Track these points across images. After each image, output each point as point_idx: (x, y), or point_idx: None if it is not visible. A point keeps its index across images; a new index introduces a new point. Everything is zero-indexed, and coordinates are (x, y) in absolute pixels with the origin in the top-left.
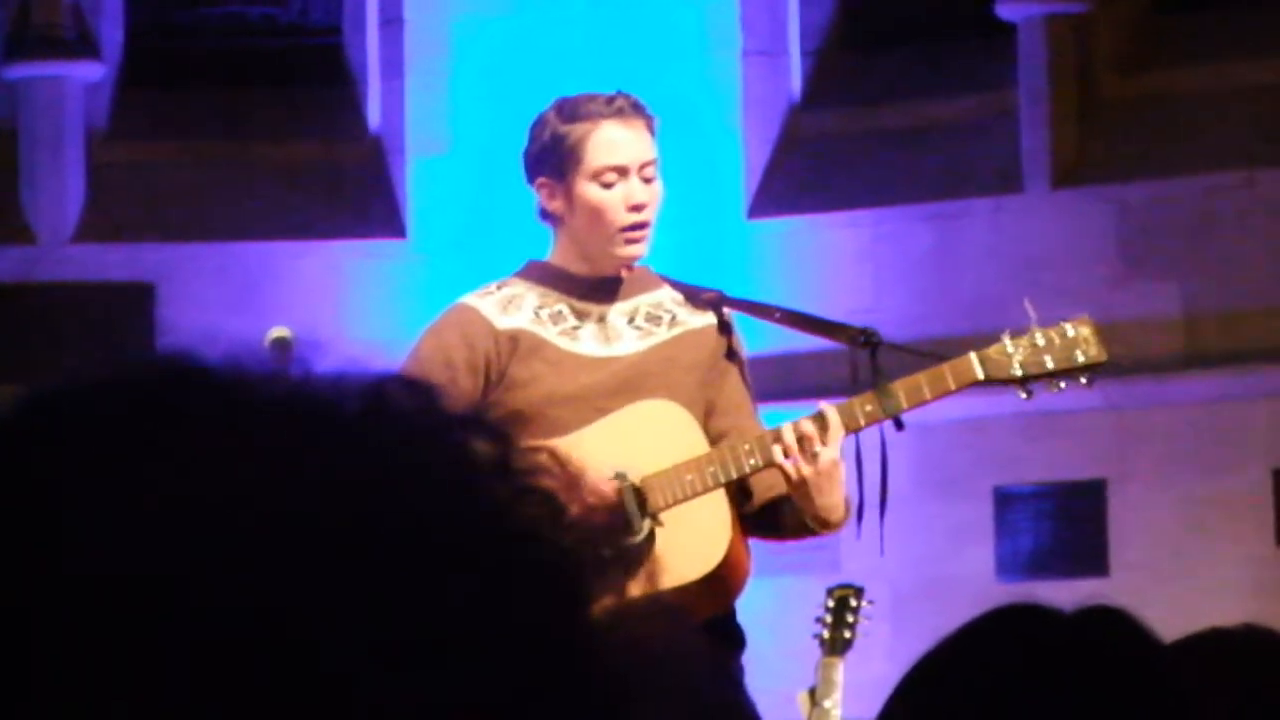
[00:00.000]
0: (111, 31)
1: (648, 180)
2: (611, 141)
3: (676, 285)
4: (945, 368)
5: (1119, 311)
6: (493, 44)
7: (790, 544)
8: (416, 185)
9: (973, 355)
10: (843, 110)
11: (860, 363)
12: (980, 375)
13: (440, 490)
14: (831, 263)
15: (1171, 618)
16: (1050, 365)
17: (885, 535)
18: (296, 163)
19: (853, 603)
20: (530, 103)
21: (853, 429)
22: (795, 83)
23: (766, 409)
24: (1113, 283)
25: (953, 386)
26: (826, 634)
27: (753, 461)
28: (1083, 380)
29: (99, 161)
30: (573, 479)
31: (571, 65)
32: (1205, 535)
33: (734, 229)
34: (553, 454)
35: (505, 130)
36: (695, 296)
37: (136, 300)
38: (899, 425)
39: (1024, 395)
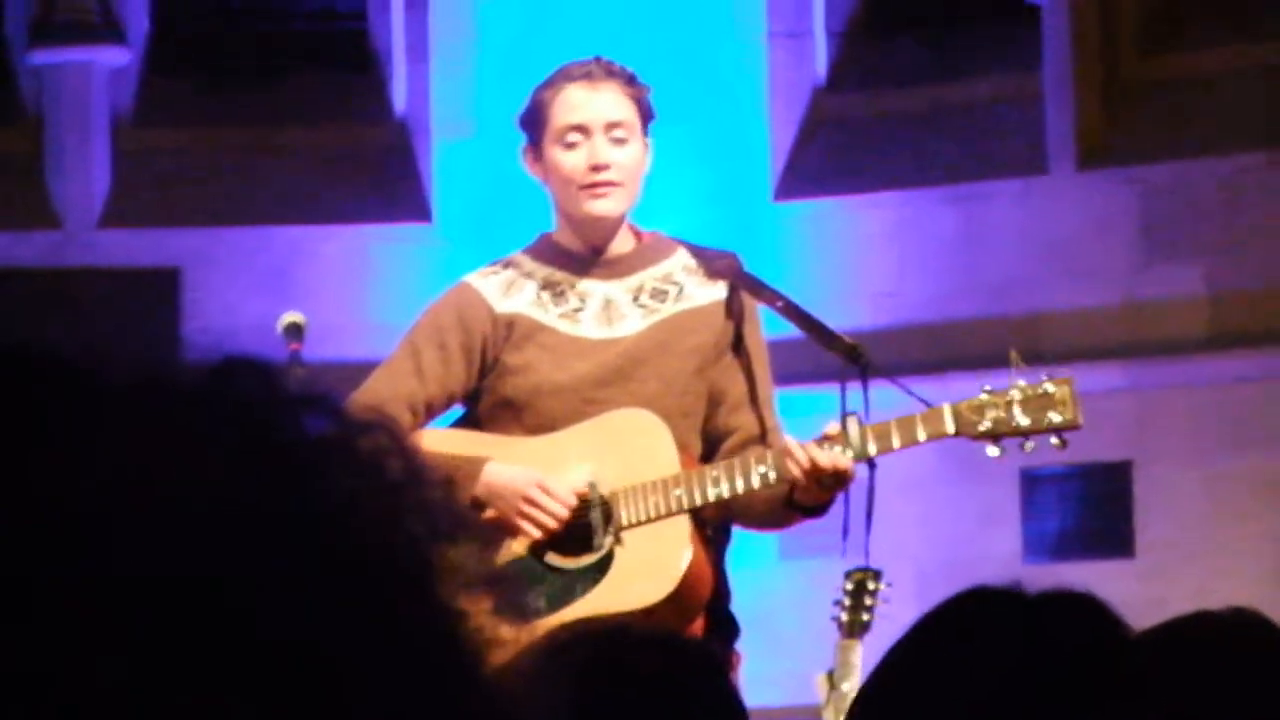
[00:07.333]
0: (137, 17)
1: (618, 142)
2: (574, 102)
3: (691, 249)
4: (918, 418)
5: (1143, 292)
6: (518, 26)
7: (793, 529)
8: (441, 169)
9: (946, 408)
10: (868, 92)
11: (849, 379)
12: (951, 429)
13: (267, 475)
14: (857, 244)
15: (1196, 598)
16: (1022, 423)
17: (912, 516)
18: (322, 147)
19: (870, 585)
20: None
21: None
22: (820, 65)
23: (791, 392)
24: (1137, 264)
25: (922, 438)
26: (845, 617)
27: (766, 474)
28: (1053, 441)
29: (125, 147)
30: (417, 463)
31: (597, 48)
32: (1230, 515)
33: (761, 211)
34: (396, 435)
35: None
36: (710, 262)
37: (162, 285)
38: (871, 465)
39: (995, 452)
